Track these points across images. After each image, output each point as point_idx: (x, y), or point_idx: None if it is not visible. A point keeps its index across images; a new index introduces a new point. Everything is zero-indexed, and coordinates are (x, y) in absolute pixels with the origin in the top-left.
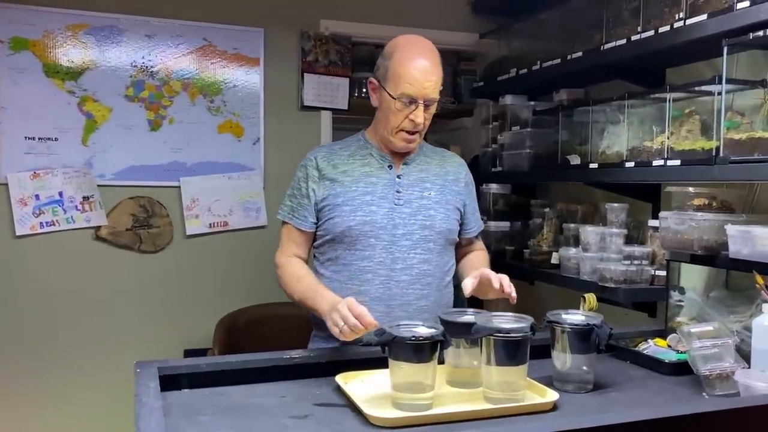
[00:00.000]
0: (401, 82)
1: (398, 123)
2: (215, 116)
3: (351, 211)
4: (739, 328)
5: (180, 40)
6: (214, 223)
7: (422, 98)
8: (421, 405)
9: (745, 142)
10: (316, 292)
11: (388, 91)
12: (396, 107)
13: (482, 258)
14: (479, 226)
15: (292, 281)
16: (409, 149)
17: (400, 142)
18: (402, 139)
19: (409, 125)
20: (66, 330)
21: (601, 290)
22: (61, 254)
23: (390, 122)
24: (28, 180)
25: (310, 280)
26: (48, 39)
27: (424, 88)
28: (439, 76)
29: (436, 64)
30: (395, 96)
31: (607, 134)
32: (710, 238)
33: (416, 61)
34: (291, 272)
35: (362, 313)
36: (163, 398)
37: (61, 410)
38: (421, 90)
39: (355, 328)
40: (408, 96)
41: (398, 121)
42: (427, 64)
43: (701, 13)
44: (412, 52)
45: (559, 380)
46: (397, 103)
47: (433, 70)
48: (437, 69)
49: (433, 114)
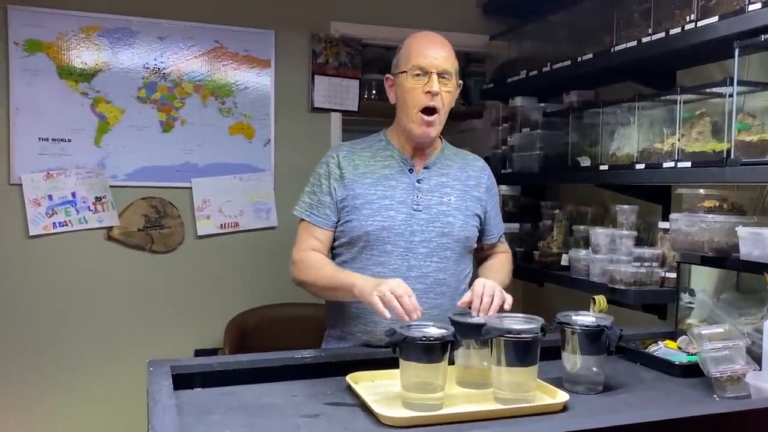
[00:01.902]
0: (412, 56)
1: (415, 99)
2: (226, 118)
3: (369, 215)
4: (750, 330)
5: (192, 42)
6: (225, 223)
7: (434, 68)
8: (432, 405)
9: (757, 144)
10: (348, 273)
11: (402, 70)
12: (410, 84)
13: (502, 261)
14: (500, 230)
15: (314, 270)
16: (428, 137)
17: (419, 127)
18: (421, 122)
19: (427, 98)
20: (78, 329)
21: (610, 292)
22: (73, 254)
23: (408, 103)
24: (42, 180)
25: (334, 267)
26: (62, 41)
27: (435, 59)
28: (451, 55)
29: (446, 46)
30: (407, 70)
31: (618, 136)
32: (721, 240)
33: (427, 42)
34: (311, 263)
35: (411, 293)
36: (176, 397)
37: (74, 409)
38: (433, 61)
39: (407, 306)
40: (419, 67)
41: (415, 99)
42: (436, 42)
43: (712, 15)
44: (421, 37)
45: (569, 381)
46: (410, 79)
47: (443, 47)
48: (449, 51)
49: (452, 93)
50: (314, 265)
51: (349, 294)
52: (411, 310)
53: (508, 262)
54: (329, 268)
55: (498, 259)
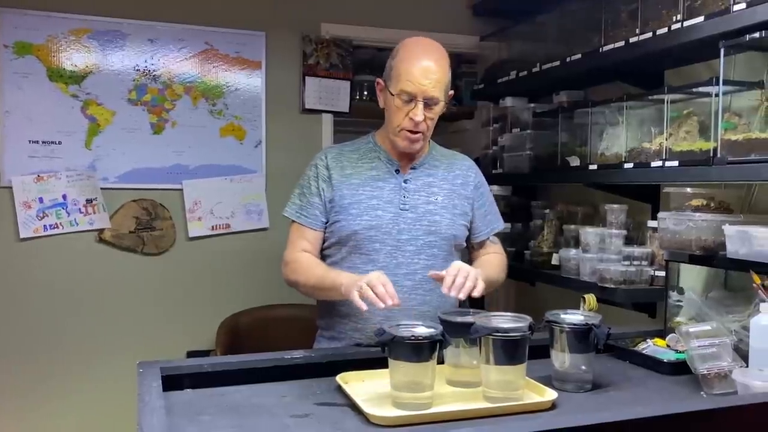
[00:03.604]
0: (401, 79)
1: (399, 121)
2: (217, 119)
3: (357, 215)
4: (738, 328)
5: (182, 44)
6: (216, 225)
7: (421, 95)
8: (421, 404)
9: (743, 142)
10: (337, 273)
11: (389, 90)
12: (396, 105)
13: (491, 259)
14: (491, 229)
15: (305, 271)
16: (412, 150)
17: (402, 141)
18: (404, 138)
19: (409, 124)
20: (69, 332)
21: (600, 291)
22: (64, 257)
23: (392, 121)
24: (32, 183)
25: (325, 267)
26: (52, 43)
27: (422, 86)
28: (442, 75)
29: (440, 64)
30: (394, 93)
31: (606, 136)
32: (708, 239)
33: (418, 60)
34: (302, 263)
35: (387, 282)
36: (166, 398)
37: (65, 411)
38: (420, 87)
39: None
40: (406, 93)
41: (399, 120)
42: (429, 64)
43: (698, 15)
44: (416, 51)
45: (558, 380)
46: (396, 101)
47: (436, 69)
48: (440, 69)
49: (438, 115)
50: (304, 266)
51: (337, 293)
52: (384, 297)
53: (499, 262)
54: (318, 269)
55: (489, 257)
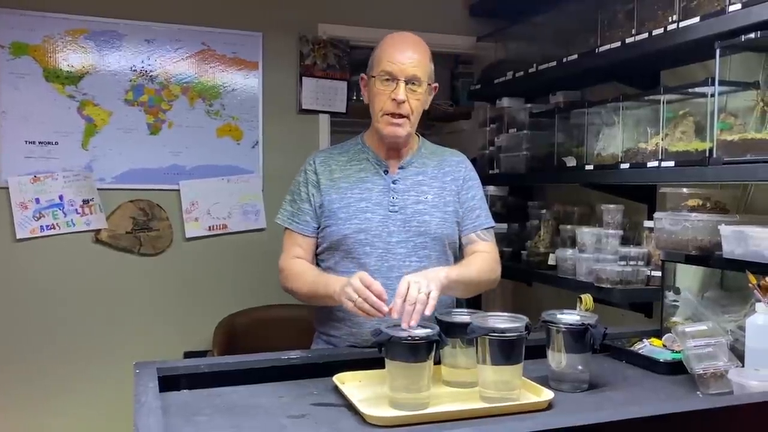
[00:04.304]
0: (382, 61)
1: (381, 104)
2: (214, 120)
3: (346, 219)
4: (734, 328)
5: (179, 45)
6: (213, 225)
7: (402, 75)
8: (418, 404)
9: (739, 143)
10: (328, 278)
11: (371, 75)
12: (378, 88)
13: (474, 262)
14: (476, 225)
15: (298, 277)
16: (397, 136)
17: (386, 127)
18: (387, 123)
19: (392, 106)
20: (66, 333)
21: (597, 291)
22: (61, 257)
23: (375, 106)
24: (29, 184)
25: (318, 273)
26: (48, 44)
27: (402, 65)
28: (423, 57)
29: (420, 49)
30: (375, 75)
31: (603, 136)
32: (704, 239)
33: (397, 44)
34: (296, 270)
35: (372, 283)
36: (162, 399)
37: (62, 412)
38: (400, 66)
39: (367, 298)
40: (387, 72)
41: (381, 103)
42: (408, 46)
43: (694, 16)
44: (396, 39)
45: (554, 380)
46: (377, 82)
47: (415, 50)
48: (421, 52)
49: (422, 100)
50: (296, 273)
51: (331, 300)
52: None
53: (484, 261)
54: (310, 276)
55: (474, 256)
